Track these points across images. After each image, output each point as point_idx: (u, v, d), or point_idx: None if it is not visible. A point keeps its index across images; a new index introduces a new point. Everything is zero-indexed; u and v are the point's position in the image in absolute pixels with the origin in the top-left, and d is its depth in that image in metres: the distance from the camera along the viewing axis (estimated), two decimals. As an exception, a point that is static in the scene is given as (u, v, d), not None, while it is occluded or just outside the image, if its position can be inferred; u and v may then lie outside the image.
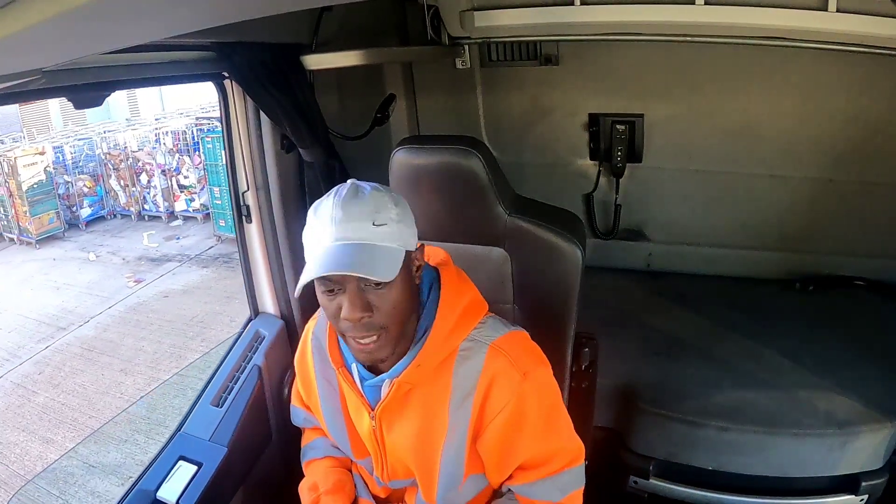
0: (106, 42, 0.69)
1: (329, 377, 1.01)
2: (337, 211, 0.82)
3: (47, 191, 7.82)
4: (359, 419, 0.99)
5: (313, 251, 0.83)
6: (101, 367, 4.85)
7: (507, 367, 0.90)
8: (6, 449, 3.94)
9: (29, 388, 4.67)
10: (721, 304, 1.99)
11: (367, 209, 0.82)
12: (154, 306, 5.89)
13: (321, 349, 1.01)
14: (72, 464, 3.69)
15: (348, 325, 0.84)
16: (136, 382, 4.57)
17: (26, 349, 5.26)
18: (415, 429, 0.94)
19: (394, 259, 0.82)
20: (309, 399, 1.08)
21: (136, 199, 8.37)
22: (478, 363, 0.91)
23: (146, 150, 8.32)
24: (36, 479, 3.59)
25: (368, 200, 0.83)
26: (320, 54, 1.39)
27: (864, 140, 1.85)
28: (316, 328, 1.05)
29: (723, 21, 1.49)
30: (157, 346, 5.11)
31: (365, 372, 0.95)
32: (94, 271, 6.94)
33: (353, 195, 0.83)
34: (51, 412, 4.31)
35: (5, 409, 4.41)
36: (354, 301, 0.81)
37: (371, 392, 0.95)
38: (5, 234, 8.08)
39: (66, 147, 8.34)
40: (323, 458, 1.12)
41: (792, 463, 1.48)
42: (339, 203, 0.82)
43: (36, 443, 3.99)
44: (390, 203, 0.84)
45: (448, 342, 0.90)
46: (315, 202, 0.87)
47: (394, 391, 0.91)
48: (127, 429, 3.96)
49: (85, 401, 4.40)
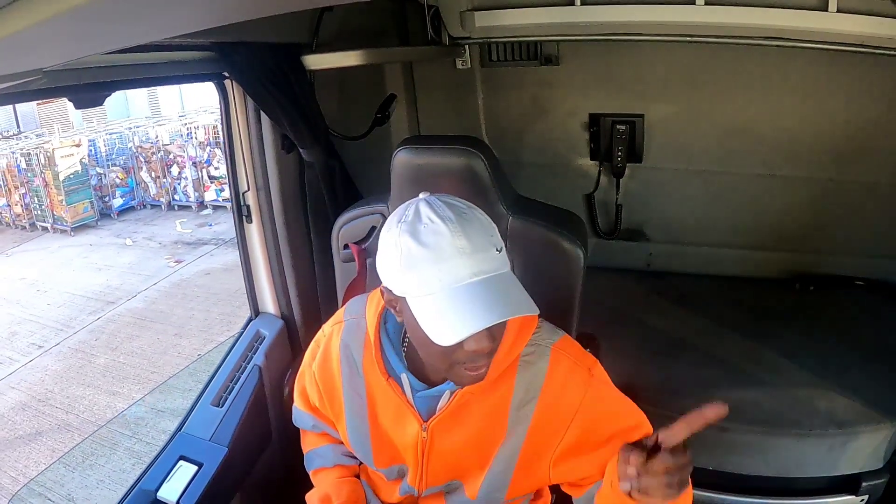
0: (106, 42, 0.68)
1: (356, 387, 0.97)
2: (459, 240, 0.72)
3: (82, 181, 8.10)
4: (399, 429, 0.95)
5: (446, 286, 0.73)
6: (155, 333, 5.06)
7: (573, 366, 0.90)
8: (74, 402, 4.17)
9: (87, 352, 4.87)
10: (721, 304, 1.99)
11: (483, 232, 0.75)
12: (198, 282, 6.07)
13: (351, 359, 0.97)
14: (140, 410, 3.97)
15: (470, 356, 0.77)
16: (192, 343, 4.81)
17: (78, 321, 5.45)
18: (469, 436, 0.92)
19: (520, 285, 0.77)
20: (330, 407, 1.02)
21: (166, 189, 8.61)
22: (542, 367, 0.89)
23: (177, 143, 8.55)
24: (108, 424, 3.84)
25: (478, 223, 0.75)
26: (320, 54, 1.39)
27: (864, 140, 1.85)
28: (345, 336, 0.98)
29: (723, 21, 1.49)
30: (207, 314, 5.32)
31: (417, 382, 0.92)
32: (133, 254, 7.12)
33: (460, 215, 0.75)
34: (113, 370, 4.53)
35: (67, 369, 4.62)
36: (488, 335, 0.75)
37: (423, 403, 0.92)
38: (38, 223, 8.33)
39: (98, 140, 8.61)
40: (333, 467, 1.09)
41: (792, 463, 1.48)
42: (454, 229, 0.73)
43: (102, 395, 4.22)
44: (488, 220, 0.78)
45: (513, 349, 0.88)
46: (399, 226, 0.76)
47: (456, 401, 0.89)
48: (190, 381, 4.21)
49: (145, 360, 4.64)
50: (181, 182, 8.53)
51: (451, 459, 0.95)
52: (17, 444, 3.74)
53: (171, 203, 8.64)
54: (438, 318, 0.73)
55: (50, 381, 4.46)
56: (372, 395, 0.96)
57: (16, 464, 3.56)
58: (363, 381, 0.96)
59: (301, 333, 1.59)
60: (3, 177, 8.34)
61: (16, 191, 8.27)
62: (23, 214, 8.33)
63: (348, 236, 1.30)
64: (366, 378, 0.96)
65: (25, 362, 4.78)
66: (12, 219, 8.47)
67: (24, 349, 4.99)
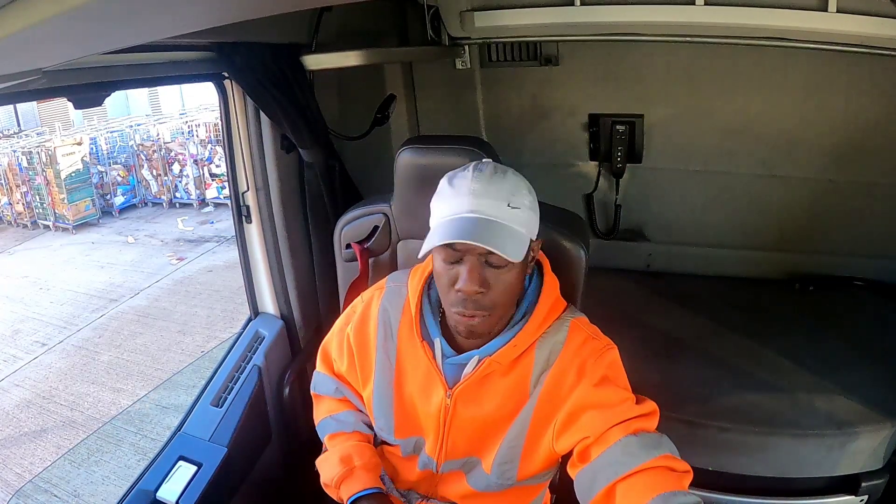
0: (106, 42, 0.69)
1: (389, 351, 1.01)
2: (476, 184, 0.84)
3: (84, 179, 8.16)
4: (425, 397, 0.98)
5: (444, 218, 0.84)
6: (158, 330, 5.09)
7: (589, 338, 0.95)
8: (79, 399, 4.20)
9: (91, 349, 4.90)
10: (721, 304, 1.99)
11: (505, 189, 0.84)
12: (200, 279, 6.11)
13: (388, 323, 1.01)
14: (145, 406, 3.99)
15: (460, 297, 0.85)
16: (196, 341, 4.85)
17: (81, 318, 5.48)
18: (491, 409, 0.95)
19: (521, 242, 0.84)
20: (361, 371, 1.04)
21: (167, 187, 8.66)
22: (561, 338, 0.94)
23: (178, 141, 8.60)
24: (112, 420, 3.87)
25: (507, 181, 0.85)
26: (320, 54, 1.39)
27: (864, 140, 1.85)
28: (385, 301, 1.03)
29: (723, 21, 1.49)
30: (210, 311, 5.35)
31: (448, 348, 0.96)
32: (135, 252, 7.15)
33: (494, 173, 0.85)
34: (117, 367, 4.58)
35: (71, 367, 4.65)
36: (473, 275, 0.83)
37: (451, 370, 0.96)
38: (40, 221, 8.38)
39: (100, 138, 8.66)
40: (352, 432, 1.08)
41: (792, 463, 1.48)
42: (479, 177, 0.84)
43: (107, 392, 4.25)
44: (525, 189, 0.87)
45: (543, 325, 0.94)
46: (450, 173, 0.89)
47: (482, 369, 0.93)
48: (194, 377, 4.22)
49: (149, 357, 4.67)
50: (182, 180, 8.57)
51: (470, 431, 0.97)
52: (23, 441, 3.76)
53: (172, 201, 8.69)
54: (428, 237, 0.84)
55: (54, 379, 4.47)
56: (402, 362, 1.00)
57: (21, 461, 3.58)
58: (395, 346, 1.00)
59: (300, 333, 1.59)
60: (4, 175, 8.38)
61: (17, 189, 8.32)
62: (24, 213, 8.38)
63: (351, 236, 1.30)
64: (399, 344, 1.00)
65: (29, 360, 4.79)
66: (14, 217, 8.52)
67: (27, 347, 5.01)
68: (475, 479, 1.01)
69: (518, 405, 0.94)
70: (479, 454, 0.99)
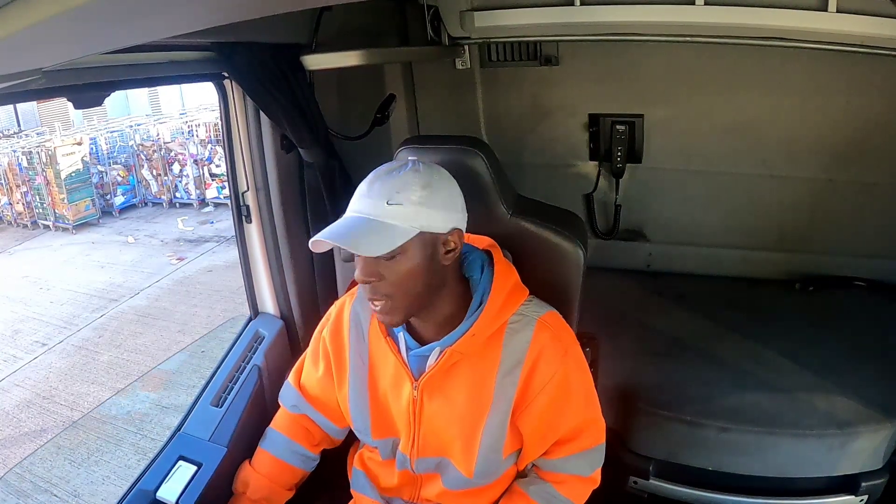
0: (106, 42, 0.69)
1: (361, 352, 1.04)
2: (365, 186, 0.89)
3: (84, 179, 8.18)
4: (396, 392, 1.01)
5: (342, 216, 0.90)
6: (159, 330, 5.11)
7: (552, 340, 0.96)
8: (79, 399, 4.21)
9: (91, 349, 4.92)
10: (721, 304, 1.99)
11: (389, 188, 0.87)
12: (200, 279, 6.13)
13: (359, 324, 1.05)
14: (145, 406, 4.00)
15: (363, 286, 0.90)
16: (196, 341, 4.83)
17: (81, 318, 5.49)
18: (459, 400, 0.97)
19: (392, 236, 0.86)
20: (336, 373, 1.07)
21: (167, 187, 8.67)
22: (527, 335, 0.96)
23: (178, 141, 8.61)
24: (112, 420, 3.88)
25: (396, 180, 0.87)
26: (320, 54, 1.39)
27: (864, 140, 1.85)
28: (356, 303, 1.07)
29: (723, 21, 1.49)
30: (210, 311, 5.36)
31: (412, 341, 0.98)
32: (135, 252, 7.16)
33: (387, 173, 0.89)
34: (117, 367, 4.59)
35: (71, 367, 4.67)
36: (362, 266, 0.88)
37: (416, 362, 0.98)
38: (40, 221, 8.39)
39: (100, 138, 8.67)
40: (276, 458, 1.14)
41: (792, 463, 1.48)
42: (375, 177, 0.89)
43: (107, 392, 4.25)
44: (417, 185, 0.87)
45: (501, 314, 0.95)
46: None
47: (444, 360, 0.94)
48: (194, 377, 4.26)
49: (149, 357, 4.67)
50: (182, 180, 8.59)
51: (440, 426, 0.99)
52: (23, 441, 3.76)
53: (172, 201, 8.70)
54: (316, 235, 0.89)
55: (54, 379, 4.48)
56: (374, 361, 1.02)
57: (21, 461, 3.58)
58: (367, 347, 1.03)
59: (300, 334, 1.59)
60: (4, 175, 8.39)
61: (17, 189, 8.33)
62: (24, 213, 8.39)
63: (349, 236, 1.30)
64: (370, 344, 1.03)
65: (29, 360, 4.80)
66: (14, 217, 8.53)
67: (27, 347, 5.01)
68: (452, 480, 1.03)
69: (486, 400, 0.96)
70: (451, 454, 1.00)
